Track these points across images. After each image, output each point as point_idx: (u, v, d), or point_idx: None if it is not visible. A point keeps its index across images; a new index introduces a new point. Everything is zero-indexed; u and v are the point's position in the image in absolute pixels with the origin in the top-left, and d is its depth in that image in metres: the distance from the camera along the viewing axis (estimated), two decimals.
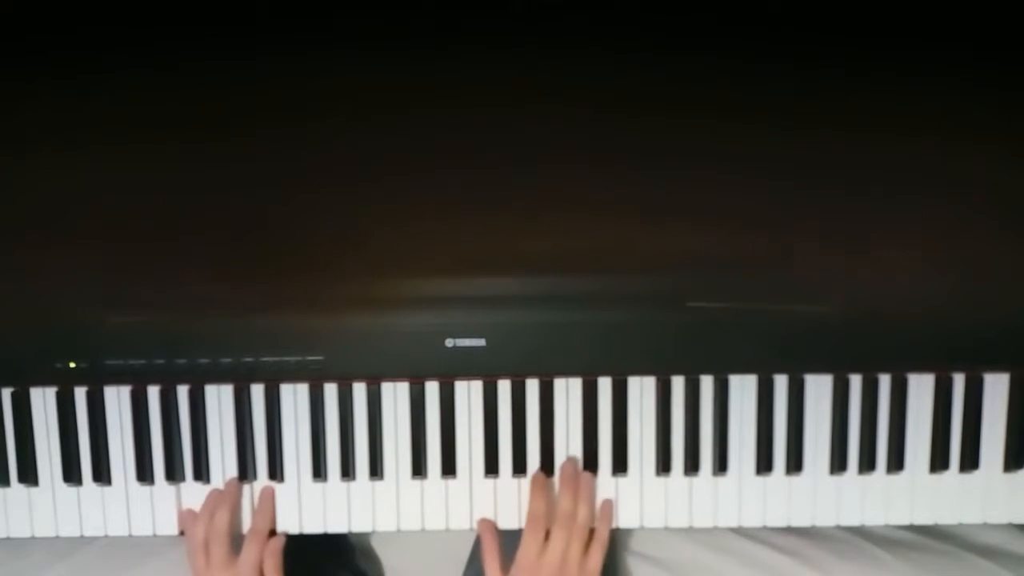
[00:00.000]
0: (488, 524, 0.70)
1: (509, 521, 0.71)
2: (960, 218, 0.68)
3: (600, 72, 0.66)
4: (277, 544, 0.68)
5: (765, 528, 0.73)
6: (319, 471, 0.70)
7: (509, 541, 0.75)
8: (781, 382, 0.70)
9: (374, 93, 0.66)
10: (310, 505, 0.71)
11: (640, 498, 0.71)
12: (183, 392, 0.70)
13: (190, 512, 0.70)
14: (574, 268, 0.68)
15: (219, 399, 0.70)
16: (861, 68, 0.66)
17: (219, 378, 0.69)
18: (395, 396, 0.70)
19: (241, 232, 0.68)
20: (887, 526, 0.73)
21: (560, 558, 0.65)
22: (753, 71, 0.66)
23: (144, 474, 0.70)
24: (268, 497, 0.70)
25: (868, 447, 0.70)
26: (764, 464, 0.70)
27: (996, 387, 0.70)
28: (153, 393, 0.70)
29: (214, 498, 0.69)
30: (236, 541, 0.68)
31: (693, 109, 0.66)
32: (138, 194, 0.67)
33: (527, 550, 0.66)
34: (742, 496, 0.71)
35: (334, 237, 0.68)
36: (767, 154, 0.66)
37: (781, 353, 0.69)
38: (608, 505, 0.70)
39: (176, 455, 0.70)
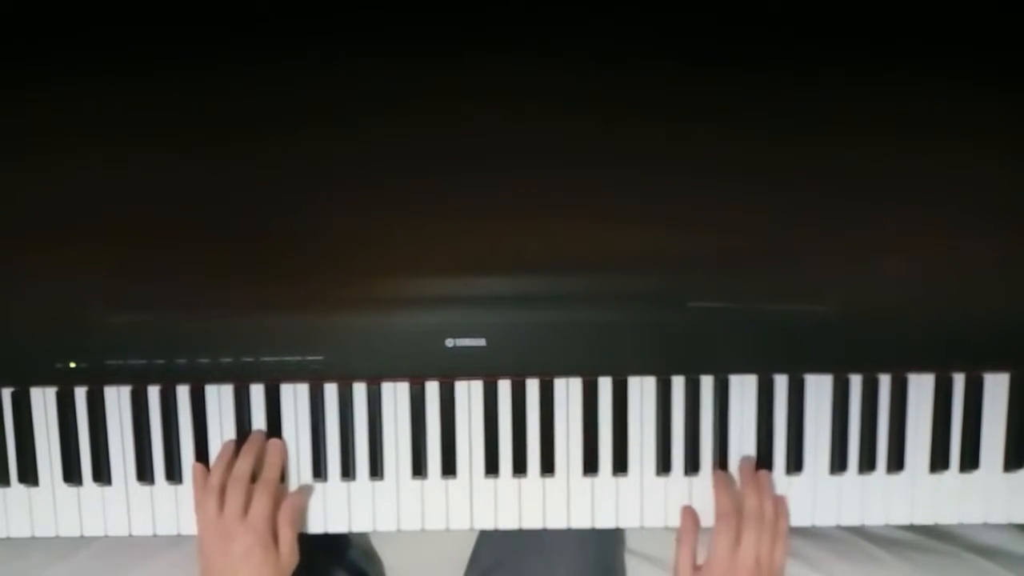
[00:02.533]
0: (691, 513, 0.70)
1: (509, 521, 0.71)
2: (960, 218, 0.68)
3: (600, 72, 0.66)
4: (298, 499, 0.68)
5: None
6: (319, 471, 0.70)
7: (507, 540, 0.75)
8: (781, 382, 0.70)
9: (374, 94, 0.66)
10: (310, 505, 0.71)
11: (640, 498, 0.71)
12: (183, 392, 0.70)
13: (200, 467, 0.69)
14: (574, 268, 0.68)
15: (219, 399, 0.70)
16: (861, 68, 0.66)
17: (219, 378, 0.69)
18: (395, 396, 0.70)
19: (241, 232, 0.68)
20: (887, 526, 0.73)
21: (755, 558, 0.65)
22: (753, 71, 0.66)
23: (144, 474, 0.70)
24: (276, 448, 0.69)
25: (868, 447, 0.70)
26: (764, 464, 0.70)
27: (996, 387, 0.70)
28: (153, 393, 0.70)
29: (231, 447, 0.68)
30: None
31: (693, 109, 0.66)
32: (139, 194, 0.67)
33: (721, 549, 0.66)
34: None
35: (334, 237, 0.68)
36: (767, 154, 0.66)
37: (781, 353, 0.69)
38: (784, 501, 0.70)
39: (176, 455, 0.70)
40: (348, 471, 0.70)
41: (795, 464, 0.70)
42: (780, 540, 0.67)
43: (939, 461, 0.70)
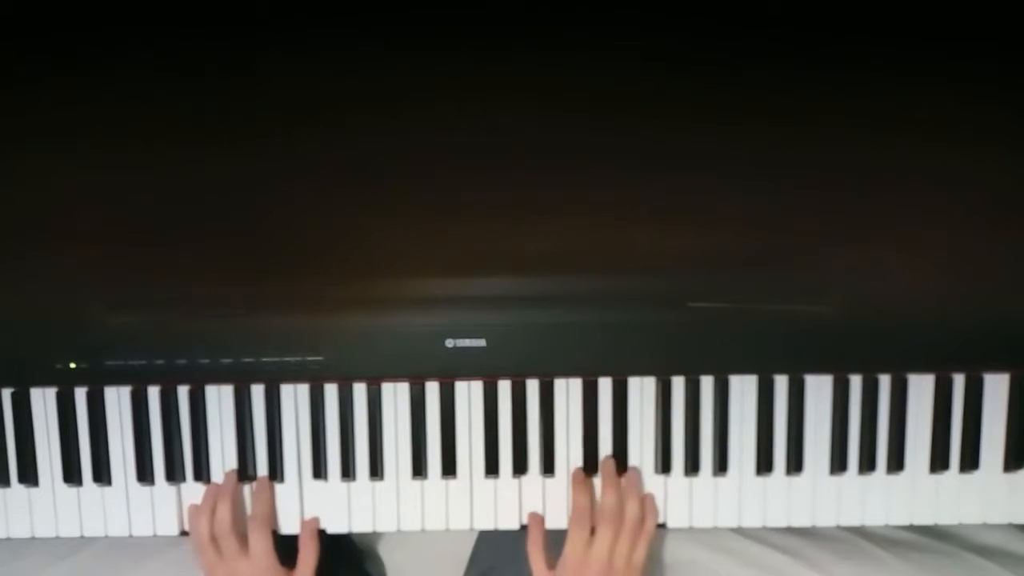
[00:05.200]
0: (537, 518, 0.70)
1: (509, 522, 0.71)
2: (960, 218, 0.68)
3: (600, 73, 0.66)
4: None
5: (765, 528, 0.73)
6: (319, 471, 0.70)
7: (507, 540, 0.75)
8: (781, 382, 0.70)
9: (374, 94, 0.66)
10: (310, 505, 0.71)
11: None
12: (183, 392, 0.70)
13: (195, 507, 0.70)
14: (574, 268, 0.68)
15: (219, 399, 0.70)
16: (861, 68, 0.66)
17: (219, 378, 0.69)
18: (395, 396, 0.70)
19: (242, 232, 0.68)
20: (887, 526, 0.73)
21: (607, 554, 0.66)
22: (753, 71, 0.66)
23: (144, 474, 0.70)
24: (264, 485, 0.70)
25: (868, 447, 0.70)
26: (764, 464, 0.70)
27: (996, 387, 0.70)
28: (153, 393, 0.70)
29: (213, 492, 0.69)
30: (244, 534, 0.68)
31: (693, 109, 0.66)
32: (138, 194, 0.67)
33: (574, 546, 0.66)
34: (742, 496, 0.71)
35: (334, 237, 0.68)
36: (767, 154, 0.66)
37: (781, 353, 0.69)
38: (652, 499, 0.70)
39: (176, 455, 0.70)
40: (348, 471, 0.70)
41: (795, 464, 0.70)
42: (643, 537, 0.67)
43: (939, 461, 0.70)
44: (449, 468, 0.70)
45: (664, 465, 0.70)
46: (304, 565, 0.68)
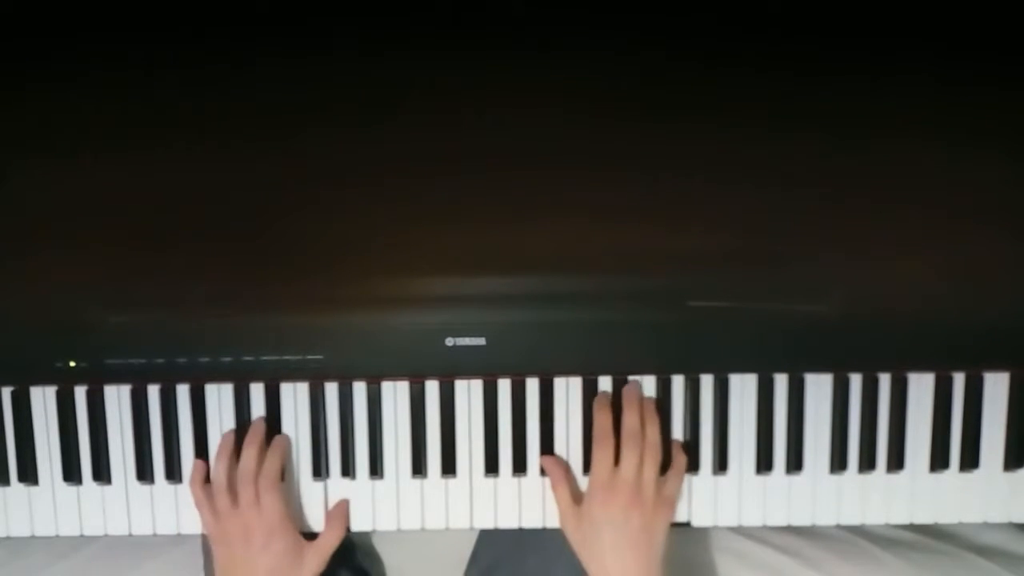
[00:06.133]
0: (553, 457, 0.69)
1: (509, 521, 0.71)
2: (960, 218, 0.68)
3: (599, 73, 0.66)
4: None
5: (765, 528, 0.73)
6: (319, 470, 0.70)
7: (507, 540, 0.75)
8: (781, 382, 0.70)
9: (374, 94, 0.66)
10: (310, 505, 0.71)
11: None
12: (183, 392, 0.70)
13: (200, 464, 0.69)
14: (574, 267, 0.68)
15: (219, 398, 0.70)
16: (861, 68, 0.66)
17: (219, 378, 0.69)
18: (395, 395, 0.70)
19: (241, 231, 0.68)
20: (887, 526, 0.73)
21: (635, 475, 0.64)
22: (752, 71, 0.66)
23: (144, 474, 0.70)
24: (281, 441, 0.69)
25: (868, 446, 0.70)
26: (764, 464, 0.70)
27: (996, 387, 0.70)
28: (153, 393, 0.70)
29: (230, 442, 0.68)
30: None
31: (693, 109, 0.66)
32: (139, 194, 0.67)
33: (600, 468, 0.65)
34: (742, 495, 0.71)
35: (334, 237, 0.68)
36: (767, 154, 0.66)
37: (781, 353, 0.69)
38: (679, 444, 0.69)
39: (176, 454, 0.70)
40: (348, 470, 0.70)
41: (795, 464, 0.70)
42: (675, 470, 0.67)
43: (939, 461, 0.70)
44: (449, 467, 0.70)
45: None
46: (325, 541, 0.67)
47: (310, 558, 0.66)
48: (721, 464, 0.70)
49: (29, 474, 0.70)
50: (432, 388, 0.70)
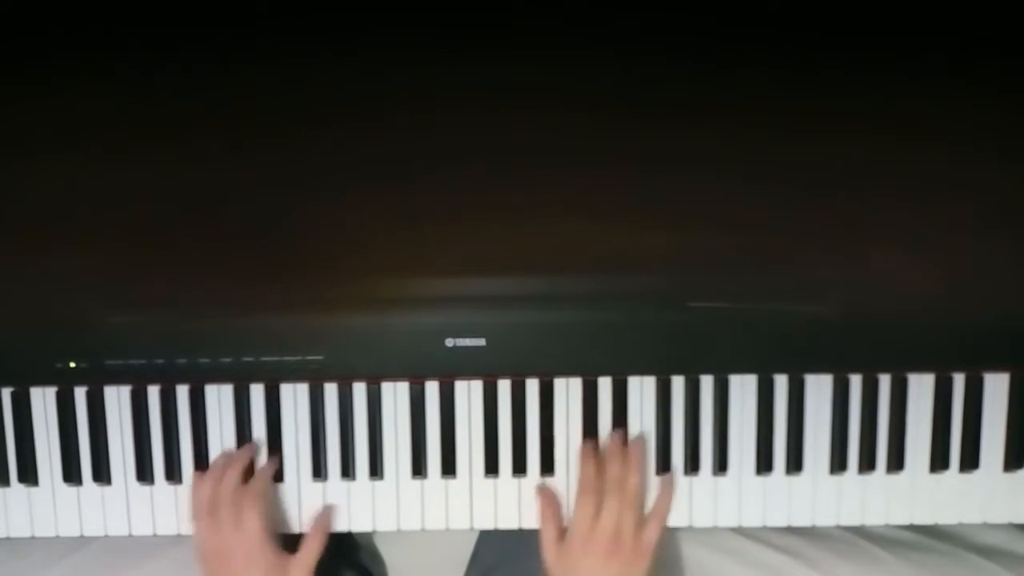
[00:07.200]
0: (546, 490, 0.70)
1: (509, 521, 0.71)
2: (960, 217, 0.68)
3: (599, 73, 0.66)
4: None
5: (765, 528, 0.73)
6: (319, 471, 0.70)
7: (508, 540, 0.75)
8: (781, 382, 0.70)
9: (374, 94, 0.66)
10: (310, 505, 0.71)
11: None
12: (183, 392, 0.70)
13: (199, 474, 0.69)
14: (574, 268, 0.68)
15: (219, 399, 0.70)
16: (861, 68, 0.66)
17: (219, 378, 0.69)
18: (395, 396, 0.70)
19: (241, 232, 0.68)
20: (887, 526, 0.73)
21: (614, 526, 0.65)
22: (753, 71, 0.66)
23: (144, 474, 0.70)
24: (268, 465, 0.69)
25: (868, 447, 0.70)
26: (764, 464, 0.70)
27: (996, 387, 0.70)
28: (153, 393, 0.70)
29: (221, 462, 0.68)
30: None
31: (693, 109, 0.66)
32: (139, 194, 0.67)
33: (581, 518, 0.66)
34: (742, 496, 0.71)
35: (334, 237, 0.68)
36: (767, 154, 0.66)
37: (781, 353, 0.69)
38: (669, 479, 0.70)
39: (176, 455, 0.70)
40: (348, 471, 0.70)
41: (795, 464, 0.70)
42: (655, 516, 0.67)
43: (939, 461, 0.70)
44: (449, 468, 0.70)
45: (664, 464, 0.70)
46: (306, 552, 0.67)
47: (295, 572, 0.66)
48: (721, 465, 0.70)
49: (29, 475, 0.70)
50: (432, 389, 0.70)
